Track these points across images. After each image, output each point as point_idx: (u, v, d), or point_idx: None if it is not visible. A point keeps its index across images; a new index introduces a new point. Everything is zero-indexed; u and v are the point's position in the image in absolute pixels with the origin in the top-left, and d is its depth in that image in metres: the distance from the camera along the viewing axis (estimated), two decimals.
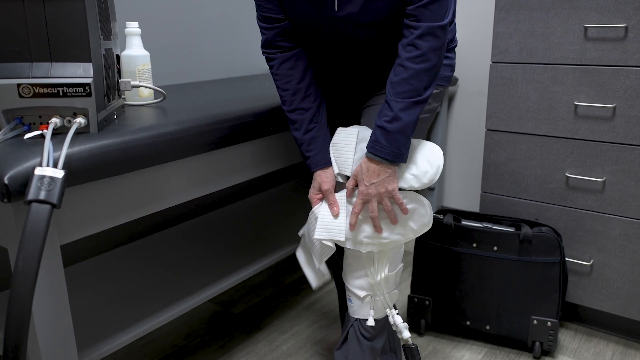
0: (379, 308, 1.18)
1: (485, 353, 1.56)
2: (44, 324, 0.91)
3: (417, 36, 1.02)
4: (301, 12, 1.11)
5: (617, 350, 1.56)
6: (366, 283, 1.16)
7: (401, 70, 1.04)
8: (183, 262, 1.51)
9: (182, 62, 1.83)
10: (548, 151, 1.58)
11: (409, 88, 1.03)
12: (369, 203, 1.09)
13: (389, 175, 1.07)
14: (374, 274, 1.15)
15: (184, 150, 1.08)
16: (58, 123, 0.92)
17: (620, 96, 1.44)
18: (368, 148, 1.08)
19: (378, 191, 1.07)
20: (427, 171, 1.10)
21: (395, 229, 1.12)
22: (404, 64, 1.03)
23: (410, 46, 1.03)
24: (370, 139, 1.08)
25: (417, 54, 1.02)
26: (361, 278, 1.16)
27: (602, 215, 1.53)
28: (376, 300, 1.17)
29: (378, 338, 1.21)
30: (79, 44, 0.92)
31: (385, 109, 1.06)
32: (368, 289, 1.16)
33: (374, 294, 1.17)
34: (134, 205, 1.04)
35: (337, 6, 1.07)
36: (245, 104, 1.30)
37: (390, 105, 1.04)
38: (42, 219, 0.77)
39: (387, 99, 1.06)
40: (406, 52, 1.03)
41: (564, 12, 1.47)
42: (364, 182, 1.07)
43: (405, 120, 1.04)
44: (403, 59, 1.04)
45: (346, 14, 1.08)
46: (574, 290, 1.62)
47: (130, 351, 1.59)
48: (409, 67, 1.03)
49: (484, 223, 1.56)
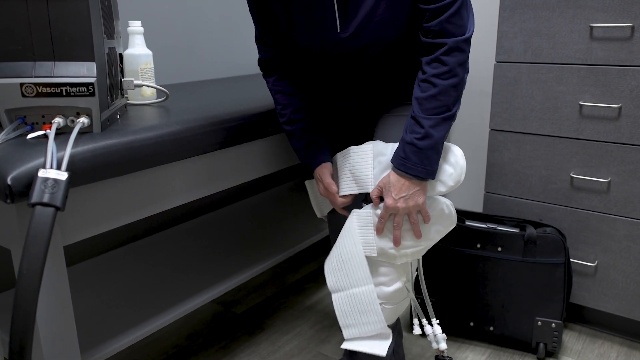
0: (387, 315, 1.15)
1: (489, 354, 1.56)
2: (47, 325, 0.90)
3: (444, 52, 1.00)
4: (304, 36, 1.10)
5: (621, 352, 1.55)
6: (382, 292, 1.12)
7: (428, 86, 1.02)
8: (185, 262, 1.50)
9: (184, 61, 1.82)
10: (553, 151, 1.57)
11: (438, 104, 1.02)
12: (395, 216, 1.05)
13: (419, 189, 1.04)
14: (410, 280, 1.13)
15: (187, 151, 1.07)
16: (61, 123, 0.91)
17: (626, 96, 1.43)
18: (398, 165, 1.04)
19: (407, 205, 1.04)
20: (452, 173, 1.08)
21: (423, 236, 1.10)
22: (432, 81, 1.01)
23: (436, 62, 1.01)
24: (399, 156, 1.04)
25: (444, 70, 1.01)
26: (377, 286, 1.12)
27: (607, 216, 1.52)
28: (385, 308, 1.14)
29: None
30: (82, 43, 0.91)
31: (413, 125, 1.03)
32: (383, 298, 1.12)
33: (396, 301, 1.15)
34: (137, 206, 1.03)
35: (340, 27, 1.06)
36: (249, 103, 1.29)
37: (420, 122, 1.02)
38: (46, 222, 0.76)
39: (415, 115, 1.03)
40: (432, 68, 1.01)
41: (570, 12, 1.46)
42: (392, 195, 1.04)
43: (436, 137, 1.02)
44: (429, 75, 1.01)
45: (349, 35, 1.07)
46: (578, 292, 1.62)
47: (132, 351, 1.58)
48: (437, 83, 1.01)
49: (488, 224, 1.55)
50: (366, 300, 1.08)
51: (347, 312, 1.09)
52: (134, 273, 1.43)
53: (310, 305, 1.83)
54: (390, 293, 1.11)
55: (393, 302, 1.13)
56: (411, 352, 1.56)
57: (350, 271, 1.07)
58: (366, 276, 1.07)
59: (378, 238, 1.07)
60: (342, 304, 1.09)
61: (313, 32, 1.09)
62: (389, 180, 1.05)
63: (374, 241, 1.07)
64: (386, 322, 1.14)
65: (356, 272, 1.07)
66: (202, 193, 1.17)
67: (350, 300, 1.08)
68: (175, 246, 1.60)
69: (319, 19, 1.06)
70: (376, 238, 1.07)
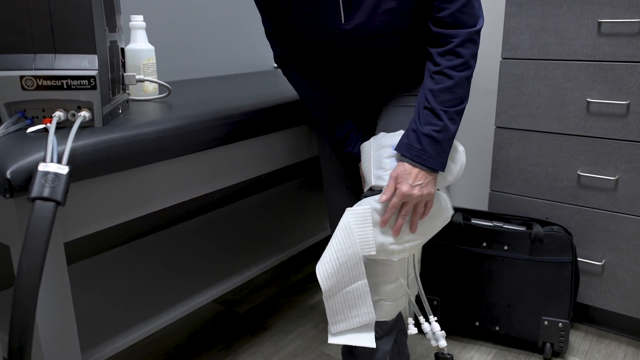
0: (387, 311, 1.14)
1: (494, 354, 1.54)
2: (47, 324, 0.88)
3: (458, 44, 0.99)
4: (308, 27, 1.08)
5: (628, 352, 1.53)
6: (380, 289, 1.10)
7: (443, 78, 1.01)
8: (187, 260, 1.48)
9: (185, 58, 1.80)
10: (559, 149, 1.55)
11: (453, 97, 1.01)
12: (406, 205, 1.03)
13: (432, 179, 1.04)
14: (406, 278, 1.11)
15: (190, 146, 1.05)
16: (62, 117, 0.89)
17: (634, 92, 1.41)
18: (413, 157, 1.02)
19: (422, 193, 1.02)
20: (452, 169, 1.08)
21: (421, 229, 1.08)
22: (447, 73, 1.00)
23: (450, 54, 1.00)
24: (414, 147, 1.02)
25: (460, 62, 1.00)
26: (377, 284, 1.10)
27: (614, 214, 1.50)
28: (383, 304, 1.12)
29: (387, 338, 1.18)
30: (83, 35, 0.89)
31: (430, 117, 1.02)
32: (382, 294, 1.11)
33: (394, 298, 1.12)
34: (139, 202, 1.01)
35: (344, 19, 1.04)
36: (252, 100, 1.27)
37: (439, 114, 1.01)
38: (46, 217, 0.74)
39: (432, 107, 1.02)
40: (447, 60, 1.00)
41: (577, 7, 1.44)
42: (409, 182, 1.02)
43: (452, 130, 1.02)
44: (444, 67, 1.00)
45: (354, 27, 1.05)
46: (585, 291, 1.59)
47: (133, 350, 1.56)
48: (453, 75, 1.00)
49: (494, 222, 1.53)
50: (358, 294, 1.06)
51: (338, 310, 1.08)
52: (136, 272, 1.41)
53: (313, 304, 1.81)
54: (390, 290, 1.09)
55: (393, 298, 1.11)
56: (416, 352, 1.54)
57: (346, 273, 1.05)
58: (361, 273, 1.05)
59: (379, 233, 1.05)
60: (334, 304, 1.07)
61: (317, 23, 1.07)
62: (404, 169, 1.03)
63: (373, 238, 1.05)
64: (386, 317, 1.13)
65: (351, 272, 1.05)
66: (205, 190, 1.15)
67: (342, 298, 1.07)
68: (177, 245, 1.58)
69: (323, 10, 1.04)
70: (376, 234, 1.05)
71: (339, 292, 1.06)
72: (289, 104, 1.30)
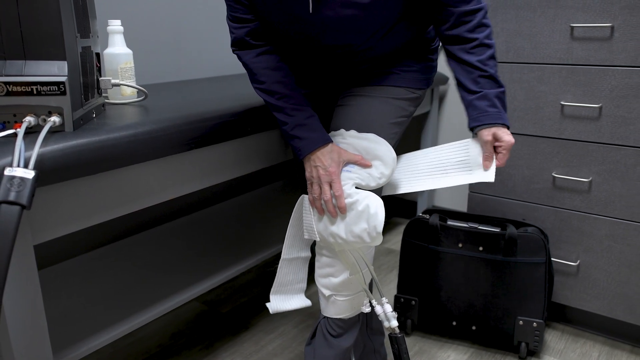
0: (340, 308, 1.17)
1: (471, 353, 1.56)
2: (17, 326, 0.90)
3: (483, 16, 1.08)
4: (273, 12, 1.07)
5: (603, 351, 1.56)
6: (330, 283, 1.14)
7: (484, 49, 1.08)
8: (169, 261, 1.50)
9: (168, 60, 1.82)
10: (535, 151, 1.57)
11: (494, 63, 1.10)
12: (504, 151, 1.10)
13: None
14: (357, 275, 1.13)
15: (162, 149, 1.07)
16: (32, 122, 0.90)
17: (606, 96, 1.43)
18: (497, 120, 1.08)
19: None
20: (386, 174, 1.10)
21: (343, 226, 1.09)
22: (486, 43, 1.08)
23: (481, 27, 1.08)
24: (495, 111, 1.09)
25: (490, 31, 1.09)
26: (326, 277, 1.15)
27: (588, 215, 1.52)
28: (336, 300, 1.15)
29: (346, 336, 1.20)
30: (53, 41, 0.91)
31: (490, 83, 1.09)
32: (332, 289, 1.15)
33: (353, 293, 1.15)
34: (110, 205, 1.03)
35: (312, 8, 1.03)
36: (228, 102, 1.29)
37: (497, 78, 1.09)
38: (11, 220, 0.76)
39: (489, 74, 1.08)
40: (479, 32, 1.08)
41: (551, 12, 1.47)
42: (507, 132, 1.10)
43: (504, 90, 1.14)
44: (482, 39, 1.08)
45: (321, 18, 1.04)
46: (561, 291, 1.62)
47: (115, 350, 1.58)
48: (491, 44, 1.09)
49: (470, 223, 1.55)
50: (297, 267, 1.23)
51: (284, 282, 1.22)
52: (117, 272, 1.43)
53: None
54: (338, 284, 1.13)
55: (344, 294, 1.14)
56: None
57: (290, 245, 1.20)
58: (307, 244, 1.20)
59: (317, 221, 1.11)
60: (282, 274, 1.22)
61: (281, 7, 1.05)
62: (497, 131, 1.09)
63: (314, 225, 1.12)
64: (341, 314, 1.17)
65: (296, 245, 1.20)
66: (178, 192, 1.17)
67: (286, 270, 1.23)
68: (160, 245, 1.59)
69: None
70: (315, 222, 1.12)
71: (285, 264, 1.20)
72: (264, 107, 1.32)
